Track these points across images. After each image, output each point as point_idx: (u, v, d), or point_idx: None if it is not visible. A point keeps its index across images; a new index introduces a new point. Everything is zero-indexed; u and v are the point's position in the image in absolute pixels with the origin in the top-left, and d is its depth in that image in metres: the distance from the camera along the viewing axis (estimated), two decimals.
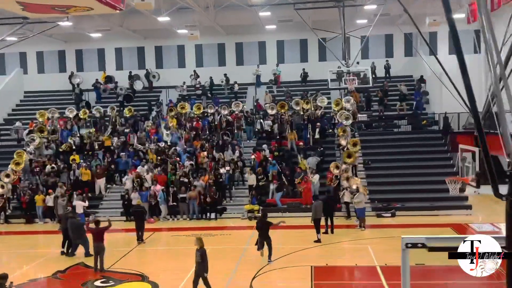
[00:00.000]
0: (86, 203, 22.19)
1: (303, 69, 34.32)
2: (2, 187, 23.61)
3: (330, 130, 27.40)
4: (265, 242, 16.30)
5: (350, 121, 25.71)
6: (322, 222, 19.17)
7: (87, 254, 17.17)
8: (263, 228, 16.36)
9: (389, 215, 22.44)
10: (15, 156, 25.37)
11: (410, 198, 23.41)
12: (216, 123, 28.10)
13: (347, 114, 25.54)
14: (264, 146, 25.86)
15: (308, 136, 26.39)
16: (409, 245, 5.09)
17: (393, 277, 14.53)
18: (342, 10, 23.85)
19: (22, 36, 30.11)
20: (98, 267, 15.75)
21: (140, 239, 19.42)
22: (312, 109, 27.41)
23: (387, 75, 33.76)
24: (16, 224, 23.82)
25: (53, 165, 25.56)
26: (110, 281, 14.87)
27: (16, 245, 20.61)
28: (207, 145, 26.05)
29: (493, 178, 4.81)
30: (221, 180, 23.90)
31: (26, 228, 23.17)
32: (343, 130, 25.12)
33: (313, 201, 20.51)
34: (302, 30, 31.99)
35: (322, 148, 25.55)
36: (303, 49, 35.17)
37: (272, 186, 23.71)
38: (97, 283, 14.83)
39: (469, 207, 22.59)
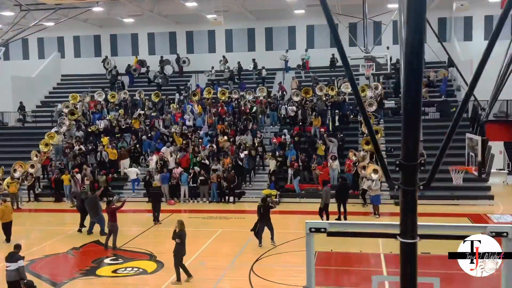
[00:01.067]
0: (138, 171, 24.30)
1: (333, 54, 34.00)
2: (32, 166, 24.64)
3: (352, 116, 27.11)
4: (266, 227, 16.49)
5: (373, 108, 25.42)
6: (333, 209, 19.19)
7: (102, 232, 17.83)
8: (265, 213, 16.49)
9: None
10: (46, 137, 26.42)
11: (430, 187, 22.94)
12: (241, 108, 28.29)
13: (370, 100, 25.24)
14: (285, 131, 25.95)
15: (328, 122, 26.24)
16: (313, 229, 5.11)
17: (394, 265, 14.55)
18: None
19: (56, 21, 31.04)
20: (110, 244, 16.40)
21: (156, 219, 19.99)
22: (335, 95, 27.20)
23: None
24: (45, 202, 24.87)
25: (81, 146, 26.46)
26: (119, 259, 15.48)
27: (41, 222, 21.62)
28: (229, 129, 26.33)
29: (385, 169, 4.83)
30: (240, 164, 24.17)
31: (53, 206, 24.15)
32: (371, 117, 24.87)
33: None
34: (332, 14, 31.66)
35: (342, 135, 25.41)
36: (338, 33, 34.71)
37: (290, 172, 23.84)
38: (107, 260, 15.47)
39: (491, 198, 22.10)
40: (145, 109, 29.26)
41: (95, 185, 24.23)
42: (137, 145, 26.35)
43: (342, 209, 19.78)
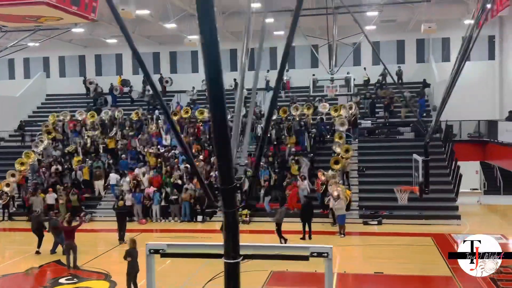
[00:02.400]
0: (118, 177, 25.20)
1: (313, 75, 34.33)
2: (8, 185, 24.85)
3: (328, 136, 27.34)
4: None
5: (345, 127, 25.67)
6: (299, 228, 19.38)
7: (64, 251, 17.93)
8: None
9: (376, 223, 22.31)
10: (23, 156, 26.68)
11: (400, 207, 23.13)
12: None
13: (342, 120, 25.50)
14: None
15: (304, 142, 26.48)
16: (152, 251, 5.30)
17: (346, 285, 14.69)
18: (334, 17, 23.88)
19: (40, 41, 31.52)
20: (71, 264, 16.52)
21: (121, 238, 20.12)
22: (310, 115, 27.47)
23: (400, 81, 33.39)
24: (18, 221, 24.99)
25: (58, 166, 26.68)
26: (74, 279, 15.58)
27: (8, 241, 21.73)
28: (203, 149, 26.57)
29: (206, 190, 5.04)
30: (213, 183, 24.31)
31: (26, 225, 24.15)
32: (339, 136, 25.09)
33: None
34: (312, 35, 32.09)
35: (312, 154, 25.62)
36: (314, 55, 35.19)
37: (262, 191, 24.00)
38: (62, 280, 15.57)
39: (458, 217, 22.21)
40: (123, 128, 29.50)
41: (68, 205, 24.40)
42: (111, 167, 26.55)
43: (307, 228, 19.94)
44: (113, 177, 25.78)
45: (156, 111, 31.67)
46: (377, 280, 14.98)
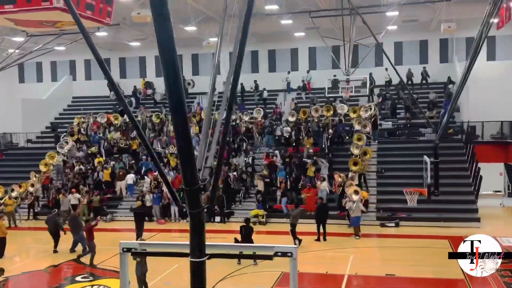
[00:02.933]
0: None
1: (334, 75, 34.24)
2: (32, 185, 25.55)
3: (347, 138, 27.21)
4: None
5: (366, 129, 25.58)
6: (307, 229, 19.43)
7: (83, 250, 18.39)
8: (247, 233, 16.87)
9: (393, 225, 22.15)
10: (46, 157, 27.39)
11: (418, 209, 22.92)
12: (236, 128, 28.79)
13: (359, 121, 25.41)
14: (276, 152, 26.26)
15: (323, 143, 26.46)
16: (125, 249, 5.46)
17: (355, 286, 14.67)
18: (351, 18, 23.76)
19: (65, 45, 32.26)
20: (90, 262, 16.99)
21: (141, 239, 20.44)
22: (329, 116, 27.43)
23: (425, 82, 33.05)
24: (42, 220, 25.58)
25: (82, 166, 27.29)
26: (90, 277, 15.98)
27: (32, 240, 22.33)
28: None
29: (172, 193, 5.13)
30: (230, 184, 24.55)
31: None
32: (358, 138, 24.99)
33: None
34: (335, 36, 32.02)
35: (331, 155, 25.56)
36: (336, 56, 35.07)
37: (278, 193, 24.09)
38: (78, 278, 15.99)
39: (478, 220, 21.86)
40: (145, 130, 29.98)
41: (91, 205, 24.99)
42: (133, 167, 27.02)
43: (322, 230, 19.95)
44: (130, 178, 26.32)
45: None
46: (388, 282, 14.91)
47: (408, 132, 28.74)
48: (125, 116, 31.33)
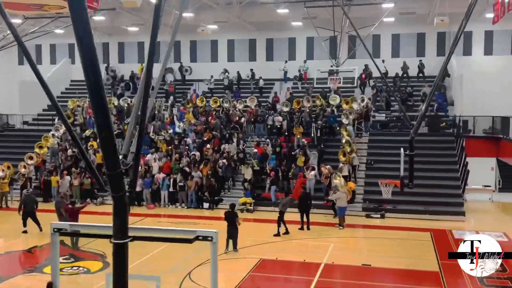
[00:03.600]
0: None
1: (331, 66, 34.21)
2: (25, 167, 25.83)
3: (338, 128, 27.29)
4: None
5: (350, 120, 25.69)
6: (292, 218, 19.59)
7: None
8: (231, 219, 17.01)
9: (378, 216, 22.32)
10: (42, 139, 27.65)
11: (404, 201, 23.08)
12: (230, 116, 28.92)
13: (346, 113, 25.52)
14: (268, 141, 26.39)
15: (312, 133, 26.56)
16: (56, 229, 5.63)
17: (329, 275, 14.88)
18: (344, 8, 23.71)
19: (60, 28, 32.34)
20: (73, 244, 17.23)
21: None
22: (323, 106, 27.50)
23: (421, 75, 33.00)
24: None
25: (74, 149, 27.53)
26: (71, 258, 16.25)
27: (20, 220, 22.59)
28: (214, 138, 26.97)
29: (97, 178, 5.30)
30: (220, 172, 24.73)
31: (41, 206, 25.07)
32: (344, 129, 25.09)
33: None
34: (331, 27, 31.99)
35: (322, 146, 25.67)
36: (333, 46, 35.01)
37: (268, 181, 24.26)
38: (60, 259, 16.18)
39: (463, 214, 21.99)
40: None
41: (82, 188, 25.28)
42: None
43: (305, 219, 20.13)
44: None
45: (171, 98, 32.25)
46: (362, 272, 15.08)
47: (401, 124, 28.76)
48: (120, 101, 31.66)
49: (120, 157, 5.03)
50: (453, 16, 31.92)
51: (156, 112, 30.40)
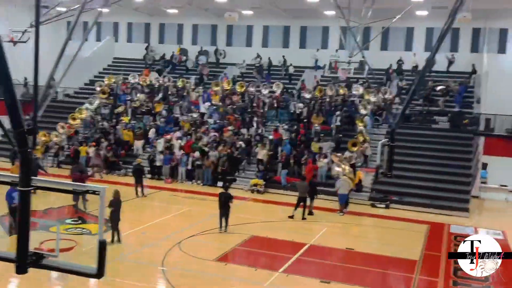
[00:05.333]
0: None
1: (363, 56, 34.39)
2: (56, 136, 27.73)
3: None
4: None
5: (368, 111, 26.04)
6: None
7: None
8: (225, 200, 17.51)
9: (383, 206, 22.76)
10: (76, 111, 29.50)
11: (411, 193, 23.43)
12: (255, 101, 29.83)
13: (364, 104, 25.88)
14: (286, 126, 27.12)
15: (333, 122, 27.10)
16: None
17: (309, 254, 15.67)
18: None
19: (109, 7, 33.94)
20: (84, 208, 18.78)
21: (141, 193, 22.17)
22: (343, 96, 27.94)
23: (448, 70, 32.75)
24: (65, 169, 27.80)
25: (104, 123, 29.25)
26: (79, 221, 17.77)
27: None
28: (237, 120, 28.01)
29: None
30: (236, 153, 25.74)
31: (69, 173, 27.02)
32: (360, 120, 25.48)
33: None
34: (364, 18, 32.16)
35: (340, 135, 26.17)
36: (366, 37, 35.13)
37: (280, 164, 25.09)
38: (69, 220, 17.80)
39: (467, 210, 22.14)
40: (167, 94, 31.57)
41: (108, 159, 26.96)
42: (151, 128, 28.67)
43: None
44: (152, 132, 28.37)
45: (192, 79, 33.33)
46: (340, 254, 15.83)
47: (422, 118, 28.83)
48: (153, 80, 33.10)
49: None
50: (491, 13, 31.62)
51: (185, 92, 31.62)
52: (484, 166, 29.38)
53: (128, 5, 35.93)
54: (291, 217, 19.80)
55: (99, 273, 6.40)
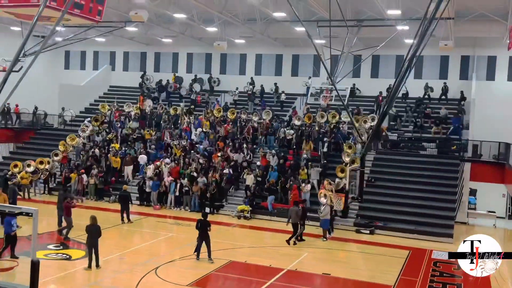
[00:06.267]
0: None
1: (354, 84, 34.89)
2: (48, 163, 28.07)
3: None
4: (204, 242, 17.17)
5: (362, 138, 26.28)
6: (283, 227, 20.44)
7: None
8: (203, 228, 17.28)
9: (368, 232, 22.83)
10: (67, 139, 29.91)
11: (396, 219, 23.53)
12: (245, 128, 30.19)
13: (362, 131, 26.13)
14: (274, 152, 27.37)
15: (319, 149, 27.36)
16: None
17: (284, 279, 15.76)
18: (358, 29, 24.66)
19: (95, 36, 34.60)
20: (64, 234, 19.00)
21: (127, 219, 22.36)
22: (333, 123, 28.27)
23: (444, 97, 33.10)
24: (55, 196, 28.04)
25: (96, 150, 29.62)
26: (60, 246, 17.97)
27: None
28: (225, 147, 28.32)
29: None
30: (224, 179, 25.99)
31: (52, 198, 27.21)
32: (348, 146, 25.71)
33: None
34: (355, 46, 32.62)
35: (325, 161, 26.41)
36: (356, 65, 35.62)
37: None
38: (51, 246, 17.99)
39: (451, 236, 22.18)
40: (159, 122, 32.00)
41: (97, 186, 27.30)
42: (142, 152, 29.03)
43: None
44: (142, 159, 28.63)
45: (181, 105, 33.78)
46: (316, 279, 15.91)
47: (411, 145, 29.06)
48: (146, 107, 33.59)
49: None
50: (479, 40, 32.11)
51: (180, 120, 32.03)
52: (473, 192, 29.58)
53: (125, 34, 36.73)
54: (294, 243, 19.93)
55: None
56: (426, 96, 33.35)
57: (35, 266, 6.53)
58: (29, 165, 26.90)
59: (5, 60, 26.93)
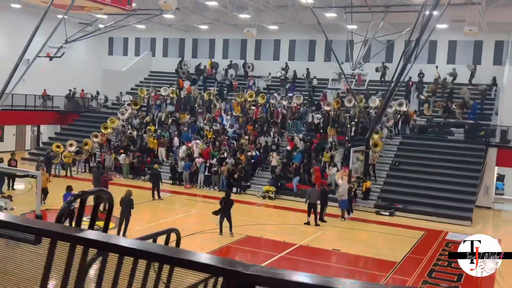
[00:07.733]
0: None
1: (386, 67, 35.09)
2: (86, 144, 29.96)
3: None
4: (225, 219, 18.27)
5: (389, 123, 26.84)
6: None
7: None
8: (226, 206, 18.38)
9: (387, 213, 23.47)
10: (108, 121, 31.70)
11: (416, 202, 24.03)
12: (274, 112, 31.16)
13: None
14: (300, 136, 28.23)
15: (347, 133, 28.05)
16: None
17: (294, 253, 16.75)
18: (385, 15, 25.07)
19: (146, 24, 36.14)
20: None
21: (158, 196, 23.85)
22: (361, 108, 28.81)
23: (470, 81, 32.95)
24: None
25: (134, 132, 31.31)
26: None
27: (77, 187, 26.54)
28: (254, 130, 29.41)
29: None
30: (252, 161, 27.10)
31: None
32: (376, 131, 26.23)
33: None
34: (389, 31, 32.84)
35: (350, 145, 27.05)
36: (389, 50, 35.77)
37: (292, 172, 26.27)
38: (84, 218, 19.51)
39: (469, 219, 22.53)
40: (194, 106, 33.39)
41: (133, 165, 28.97)
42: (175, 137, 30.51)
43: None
44: (176, 141, 30.21)
45: (214, 89, 34.97)
46: (325, 254, 16.83)
47: (439, 130, 29.27)
48: (181, 92, 34.98)
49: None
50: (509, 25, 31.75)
51: (212, 105, 33.32)
52: (501, 177, 29.58)
53: (163, 21, 38.20)
54: (307, 223, 20.63)
55: None
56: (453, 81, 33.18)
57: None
58: (71, 145, 28.80)
59: (49, 47, 28.83)
